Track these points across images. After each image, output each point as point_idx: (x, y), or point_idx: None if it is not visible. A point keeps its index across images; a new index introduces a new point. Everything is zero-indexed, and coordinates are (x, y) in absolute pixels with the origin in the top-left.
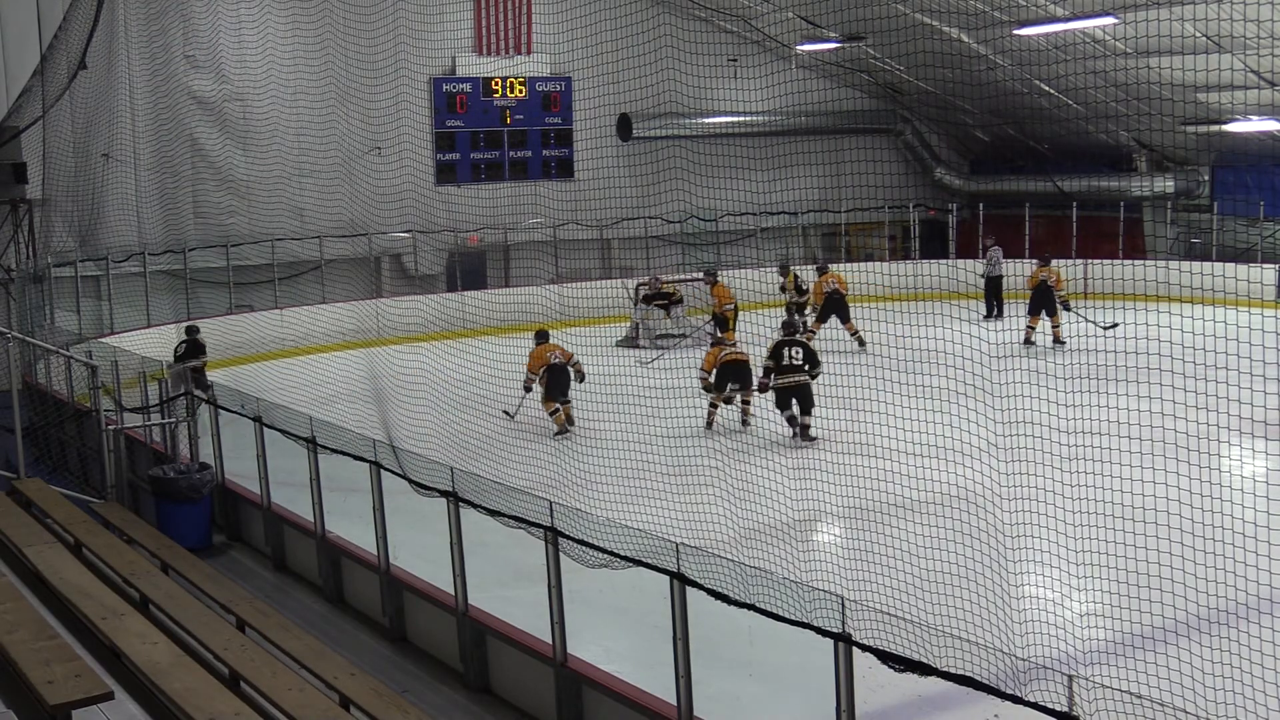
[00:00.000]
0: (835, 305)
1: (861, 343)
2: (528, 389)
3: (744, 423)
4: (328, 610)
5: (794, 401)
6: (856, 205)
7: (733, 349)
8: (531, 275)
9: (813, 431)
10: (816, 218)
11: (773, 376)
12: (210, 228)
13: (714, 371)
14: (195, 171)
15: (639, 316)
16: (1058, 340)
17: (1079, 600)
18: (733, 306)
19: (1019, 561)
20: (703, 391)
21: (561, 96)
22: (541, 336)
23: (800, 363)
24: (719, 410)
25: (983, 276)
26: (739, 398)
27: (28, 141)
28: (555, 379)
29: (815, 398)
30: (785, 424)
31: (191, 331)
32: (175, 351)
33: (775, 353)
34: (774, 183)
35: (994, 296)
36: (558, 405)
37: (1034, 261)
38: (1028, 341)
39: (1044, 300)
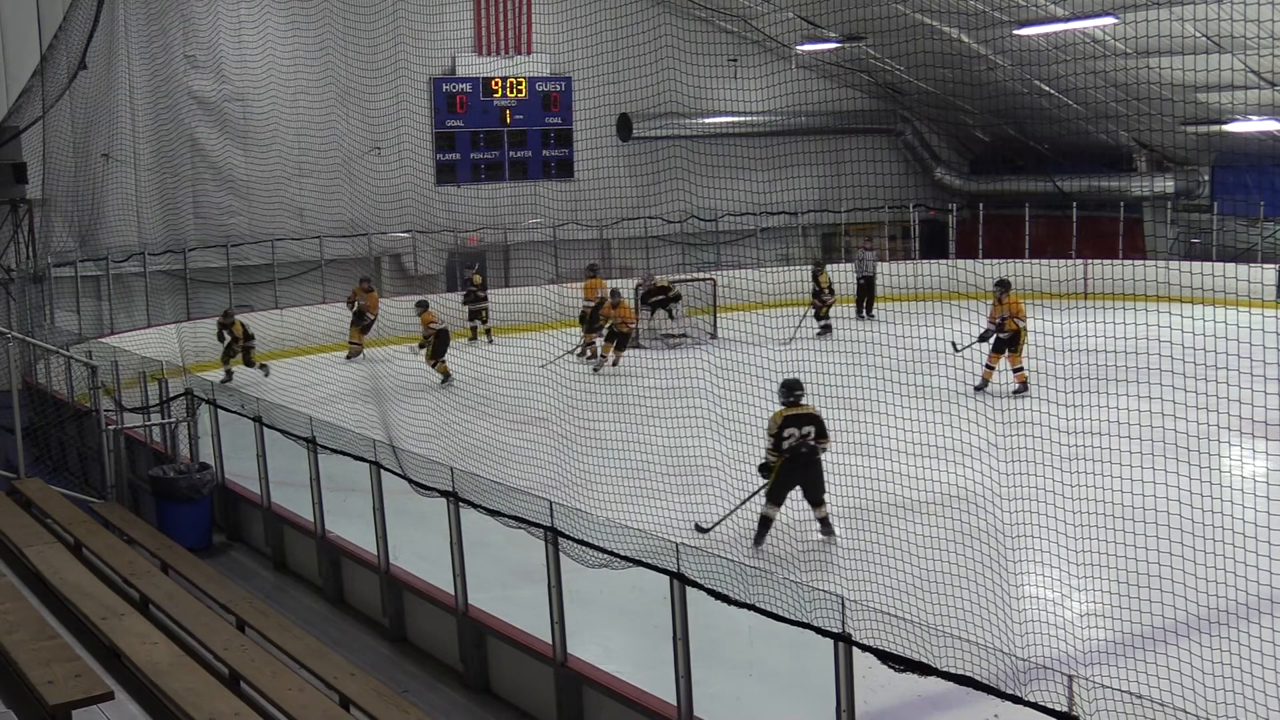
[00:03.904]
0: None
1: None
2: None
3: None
4: (328, 610)
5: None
6: (856, 205)
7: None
8: (531, 275)
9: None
10: (816, 218)
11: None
12: (210, 228)
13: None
14: (195, 171)
15: (643, 319)
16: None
17: (1079, 600)
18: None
19: (1019, 561)
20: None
21: (561, 96)
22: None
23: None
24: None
25: (859, 278)
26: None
27: (28, 141)
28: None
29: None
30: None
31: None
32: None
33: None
34: (774, 183)
35: (862, 297)
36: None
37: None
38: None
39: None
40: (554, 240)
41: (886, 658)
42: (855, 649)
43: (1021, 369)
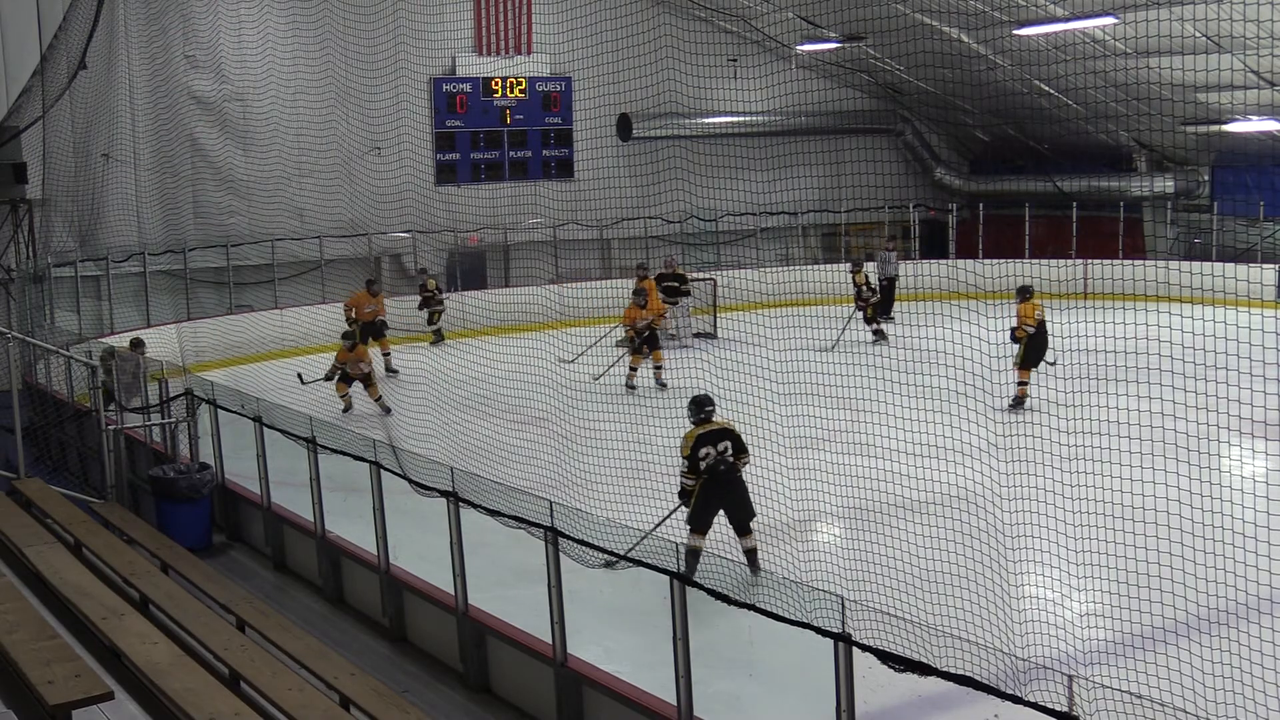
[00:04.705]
0: None
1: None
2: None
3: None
4: (328, 610)
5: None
6: (856, 205)
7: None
8: (531, 275)
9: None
10: (816, 218)
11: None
12: (210, 228)
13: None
14: (195, 171)
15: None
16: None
17: (1079, 600)
18: None
19: (1019, 561)
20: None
21: (561, 96)
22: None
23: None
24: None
25: (882, 279)
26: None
27: (28, 141)
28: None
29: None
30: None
31: None
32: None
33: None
34: (774, 183)
35: (887, 297)
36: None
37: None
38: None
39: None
40: (554, 240)
41: (886, 658)
42: (855, 649)
43: (1025, 383)
